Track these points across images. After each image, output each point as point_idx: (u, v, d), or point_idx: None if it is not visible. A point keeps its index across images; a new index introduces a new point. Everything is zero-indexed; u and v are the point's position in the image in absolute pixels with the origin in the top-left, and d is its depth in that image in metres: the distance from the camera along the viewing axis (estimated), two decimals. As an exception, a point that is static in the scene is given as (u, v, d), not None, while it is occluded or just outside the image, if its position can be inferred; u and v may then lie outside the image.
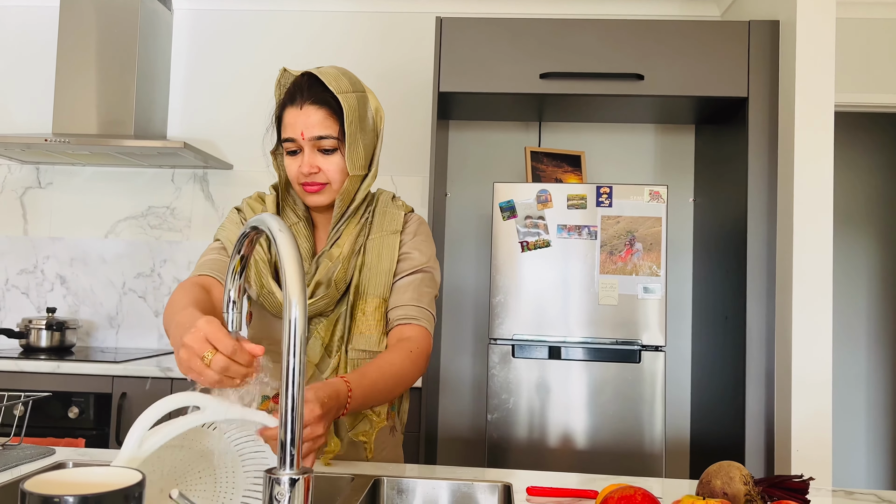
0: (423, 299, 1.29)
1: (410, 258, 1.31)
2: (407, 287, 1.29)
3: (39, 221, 3.10)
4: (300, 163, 1.24)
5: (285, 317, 0.70)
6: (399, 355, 1.19)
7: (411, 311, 1.27)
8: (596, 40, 2.51)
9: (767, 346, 2.40)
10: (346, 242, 1.28)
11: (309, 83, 1.24)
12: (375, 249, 1.30)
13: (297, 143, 1.24)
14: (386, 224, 1.32)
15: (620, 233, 2.41)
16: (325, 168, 1.24)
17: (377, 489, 1.15)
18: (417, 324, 1.26)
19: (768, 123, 2.46)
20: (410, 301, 1.28)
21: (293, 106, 1.23)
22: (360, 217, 1.31)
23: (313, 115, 1.22)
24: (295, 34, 3.10)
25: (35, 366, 2.44)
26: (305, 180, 1.25)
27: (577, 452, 2.42)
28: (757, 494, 0.89)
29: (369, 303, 1.27)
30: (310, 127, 1.22)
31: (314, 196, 1.26)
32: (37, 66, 3.13)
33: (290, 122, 1.23)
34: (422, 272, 1.31)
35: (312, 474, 0.70)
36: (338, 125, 1.24)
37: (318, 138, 1.23)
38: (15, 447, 1.21)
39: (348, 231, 1.29)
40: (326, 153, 1.24)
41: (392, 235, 1.31)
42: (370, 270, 1.28)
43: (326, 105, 1.23)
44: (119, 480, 0.64)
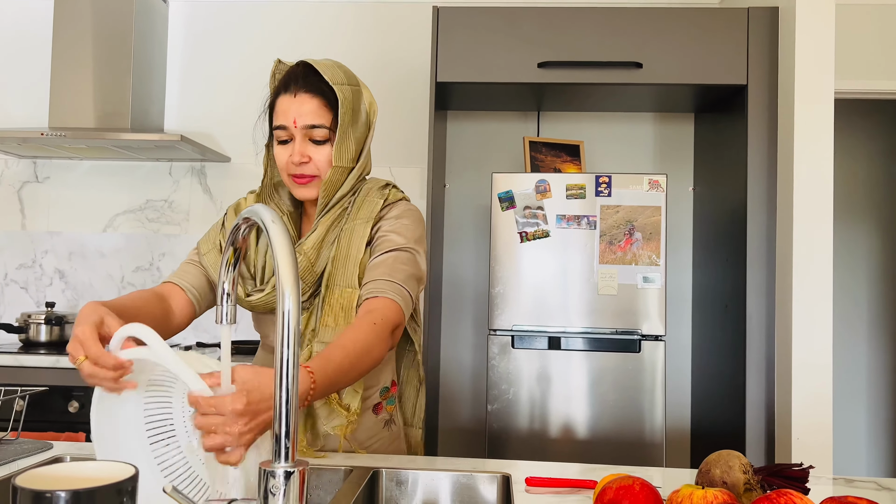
0: (395, 275, 1.21)
1: (387, 240, 1.25)
2: (380, 264, 1.22)
3: (37, 216, 3.09)
4: (291, 151, 1.23)
5: (279, 309, 0.69)
6: (363, 330, 1.10)
7: (379, 285, 1.19)
8: (594, 29, 2.50)
9: (767, 334, 2.39)
10: (317, 234, 1.25)
11: (304, 72, 1.23)
12: (347, 241, 1.26)
13: (289, 132, 1.22)
14: (362, 212, 1.28)
15: (620, 222, 2.40)
16: (315, 158, 1.23)
17: (376, 481, 1.14)
18: (384, 296, 1.18)
19: (768, 111, 2.45)
20: (380, 276, 1.20)
21: (287, 94, 1.22)
22: (339, 207, 1.28)
23: (307, 103, 1.21)
24: (291, 24, 3.08)
25: (35, 360, 2.44)
26: (295, 171, 1.24)
27: (578, 442, 2.42)
28: (756, 483, 0.88)
29: (336, 293, 1.23)
30: (303, 115, 1.21)
31: (303, 189, 1.25)
32: (32, 59, 3.11)
33: (283, 110, 1.22)
34: (398, 251, 1.24)
35: (308, 467, 0.70)
36: (331, 115, 1.23)
37: (310, 127, 1.21)
38: (12, 442, 1.20)
39: (324, 221, 1.26)
40: (318, 143, 1.23)
41: (364, 223, 1.26)
42: (339, 262, 1.25)
43: (321, 95, 1.22)
44: (111, 475, 0.64)
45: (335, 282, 1.24)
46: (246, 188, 3.04)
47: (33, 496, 0.58)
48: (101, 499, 0.59)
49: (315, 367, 0.98)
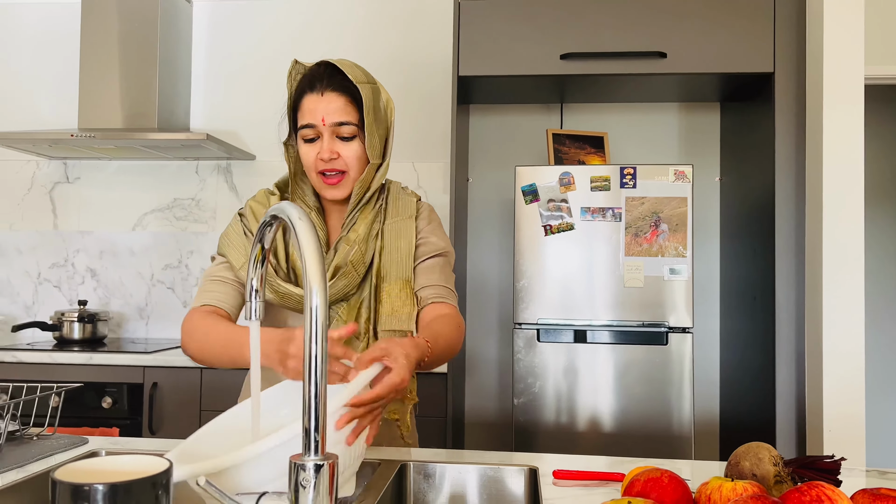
0: (449, 281, 1.35)
1: (430, 243, 1.35)
2: (433, 268, 1.33)
3: (69, 216, 3.15)
4: (319, 149, 1.25)
5: (306, 304, 0.70)
6: (451, 328, 1.24)
7: (442, 291, 1.32)
8: (616, 19, 2.48)
9: (797, 325, 2.36)
10: (362, 227, 1.30)
11: (328, 72, 1.26)
12: (393, 233, 1.32)
13: (317, 130, 1.25)
14: (401, 209, 1.35)
15: (645, 214, 2.39)
16: (344, 154, 1.26)
17: (404, 474, 1.15)
18: (450, 303, 1.32)
19: (796, 99, 2.41)
20: (439, 281, 1.32)
21: (313, 93, 1.25)
22: (374, 204, 1.33)
23: (334, 101, 1.24)
24: (313, 22, 3.10)
25: (69, 357, 2.49)
26: (325, 167, 1.26)
27: (605, 436, 2.41)
28: (787, 475, 0.87)
29: (394, 284, 1.30)
30: (331, 113, 1.23)
31: (333, 189, 1.28)
32: (61, 61, 3.16)
33: (311, 108, 1.24)
34: (442, 256, 1.36)
35: (337, 460, 0.70)
36: (357, 113, 1.26)
37: (338, 124, 1.24)
38: (49, 437, 1.23)
39: (363, 217, 1.31)
40: (345, 140, 1.26)
41: (408, 220, 1.34)
42: (390, 254, 1.31)
43: (347, 93, 1.25)
44: (147, 468, 0.65)
45: (390, 273, 1.30)
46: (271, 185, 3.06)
47: (72, 489, 0.59)
48: (137, 491, 0.61)
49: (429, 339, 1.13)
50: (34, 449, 1.15)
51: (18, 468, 1.05)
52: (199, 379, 2.46)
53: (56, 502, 0.60)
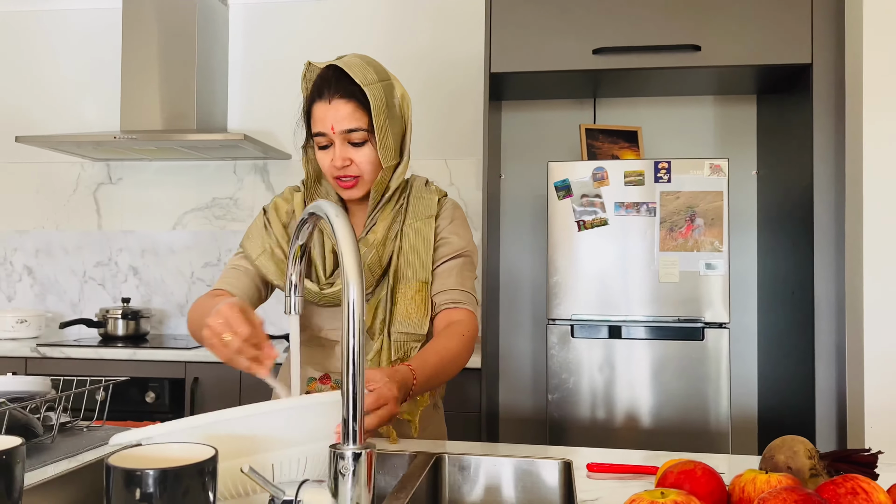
0: (466, 283, 1.33)
1: (449, 243, 1.34)
2: (450, 271, 1.32)
3: (112, 216, 3.24)
4: (332, 156, 1.26)
5: (344, 300, 0.72)
6: (454, 340, 1.24)
7: (457, 296, 1.31)
8: (650, 12, 2.46)
9: (837, 320, 2.32)
10: (381, 228, 1.30)
11: (335, 76, 1.25)
12: (412, 234, 1.32)
13: (328, 138, 1.26)
14: (421, 209, 1.34)
15: (680, 208, 2.37)
16: (356, 160, 1.26)
17: (439, 466, 1.17)
18: (464, 307, 1.31)
19: (834, 90, 2.36)
20: (455, 285, 1.31)
21: (321, 100, 1.25)
22: (394, 204, 1.33)
23: (342, 108, 1.23)
24: (346, 21, 3.13)
25: (113, 353, 2.57)
26: (338, 174, 1.27)
27: (641, 431, 2.40)
28: (822, 469, 0.87)
29: (410, 286, 1.30)
30: (339, 121, 1.23)
31: (349, 191, 1.29)
32: (104, 66, 3.25)
33: (320, 117, 1.25)
34: (462, 256, 1.35)
35: (375, 449, 0.73)
36: (367, 116, 1.25)
37: (348, 131, 1.24)
38: (98, 429, 1.28)
39: (383, 217, 1.32)
40: (357, 146, 1.26)
41: (427, 220, 1.33)
42: (408, 255, 1.31)
43: (354, 98, 1.24)
44: (194, 455, 0.68)
45: (407, 275, 1.30)
46: (306, 184, 3.11)
47: (125, 474, 0.63)
48: (186, 477, 0.64)
49: (415, 366, 1.11)
50: (85, 440, 1.19)
51: (71, 458, 1.09)
52: (239, 374, 2.52)
53: (110, 486, 0.63)
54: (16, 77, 3.31)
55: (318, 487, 0.73)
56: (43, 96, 3.29)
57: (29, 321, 2.91)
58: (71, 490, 1.01)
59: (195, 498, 0.64)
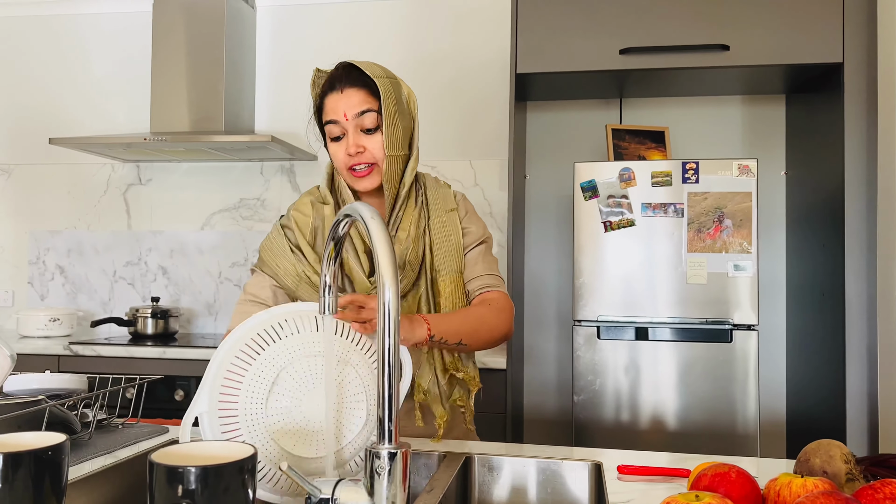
0: (492, 267, 1.42)
1: (469, 232, 1.42)
2: (476, 259, 1.41)
3: (141, 216, 3.29)
4: (346, 145, 1.29)
5: (380, 299, 0.73)
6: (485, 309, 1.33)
7: (488, 280, 1.40)
8: (677, 12, 2.44)
9: (868, 322, 2.29)
10: (411, 226, 1.34)
11: (346, 72, 1.30)
12: (440, 229, 1.38)
13: (341, 126, 1.28)
14: (441, 204, 1.40)
15: (708, 209, 2.35)
16: (369, 147, 1.29)
17: (468, 466, 1.18)
18: (497, 290, 1.40)
19: (866, 89, 2.33)
20: (483, 271, 1.40)
21: (334, 92, 1.29)
22: (415, 201, 1.38)
23: (354, 95, 1.28)
24: (371, 23, 3.15)
25: (143, 352, 2.61)
26: (352, 162, 1.29)
27: (667, 433, 2.39)
28: (859, 473, 0.86)
29: (449, 279, 1.36)
30: (352, 106, 1.27)
31: (363, 180, 1.31)
32: (133, 68, 3.30)
33: (332, 107, 1.29)
34: (483, 244, 1.43)
35: (410, 449, 0.73)
36: (377, 104, 1.28)
37: (360, 114, 1.27)
38: (133, 426, 1.30)
39: (408, 215, 1.36)
40: (369, 132, 1.29)
41: (451, 213, 1.40)
42: (441, 249, 1.37)
43: (366, 87, 1.28)
44: (235, 454, 0.69)
45: (443, 268, 1.36)
46: (332, 185, 3.13)
47: (167, 470, 0.64)
48: (226, 474, 0.65)
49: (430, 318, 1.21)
50: (121, 436, 1.22)
51: (108, 454, 1.12)
52: (266, 373, 2.54)
53: (153, 482, 0.64)
54: (49, 79, 3.37)
55: (354, 486, 0.74)
56: (75, 98, 3.35)
57: (61, 320, 2.96)
58: (109, 486, 1.03)
59: (235, 495, 0.66)
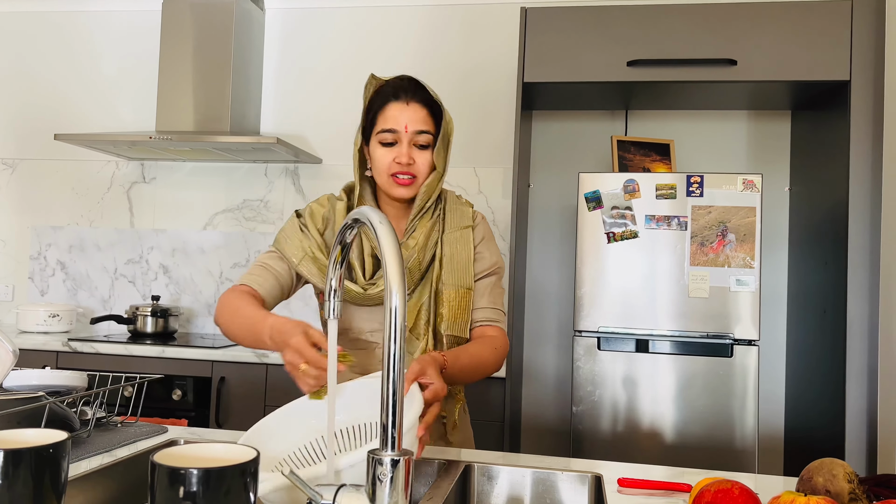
0: (497, 301, 1.45)
1: (483, 259, 1.45)
2: (483, 290, 1.44)
3: (144, 214, 3.29)
4: (397, 154, 1.35)
5: (386, 305, 0.73)
6: (487, 350, 1.37)
7: (490, 314, 1.43)
8: (686, 26, 2.45)
9: (870, 340, 2.28)
10: (421, 235, 1.39)
11: (412, 86, 1.37)
12: (452, 243, 1.42)
13: (397, 136, 1.34)
14: (457, 220, 1.44)
15: (712, 223, 2.35)
16: (418, 161, 1.36)
17: (468, 475, 1.17)
18: (498, 325, 1.43)
19: (873, 108, 2.33)
20: (488, 304, 1.43)
21: (398, 101, 1.35)
22: (432, 214, 1.42)
23: (418, 111, 1.35)
24: (381, 30, 3.15)
25: (143, 350, 2.60)
26: (398, 170, 1.35)
27: (665, 446, 2.38)
28: (862, 493, 0.86)
29: (456, 292, 1.39)
30: (415, 122, 1.34)
31: (403, 189, 1.37)
32: (140, 67, 3.31)
33: (394, 116, 1.34)
34: (493, 274, 1.46)
35: (413, 456, 0.73)
36: (434, 126, 1.37)
37: (419, 132, 1.34)
38: (132, 425, 1.30)
39: (422, 225, 1.41)
40: (422, 148, 1.36)
41: (465, 230, 1.44)
42: (450, 263, 1.41)
43: (428, 106, 1.36)
44: (237, 457, 0.69)
45: (449, 281, 1.40)
46: (336, 188, 3.12)
47: (169, 472, 0.64)
48: (229, 477, 0.65)
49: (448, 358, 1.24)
50: (119, 435, 1.21)
51: (106, 452, 1.11)
52: (265, 374, 2.54)
53: (154, 483, 0.64)
54: (56, 75, 3.38)
55: (356, 492, 0.74)
56: (81, 95, 3.35)
57: (61, 316, 2.96)
58: (107, 485, 1.02)
59: (237, 498, 0.65)
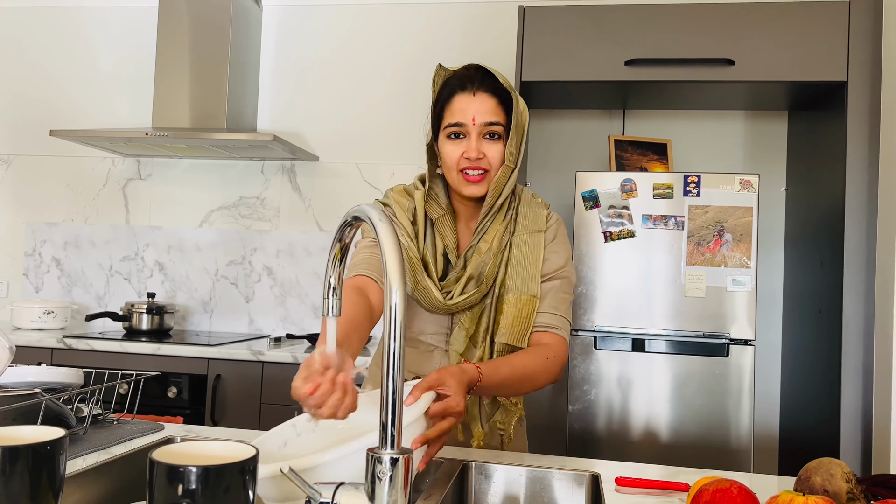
0: (560, 307, 1.33)
1: (549, 262, 1.34)
2: (546, 293, 1.33)
3: (140, 211, 3.28)
4: (465, 148, 1.27)
5: (386, 303, 0.73)
6: (534, 359, 1.25)
7: (549, 319, 1.31)
8: (684, 25, 2.45)
9: (865, 340, 2.29)
10: (494, 238, 1.31)
11: (480, 74, 1.29)
12: (521, 246, 1.33)
13: (465, 129, 1.27)
14: (530, 222, 1.35)
15: (709, 223, 2.35)
16: (489, 154, 1.27)
17: (465, 474, 1.17)
18: (556, 332, 1.31)
19: (869, 108, 2.34)
20: (549, 308, 1.32)
21: (464, 93, 1.28)
22: (504, 213, 1.34)
23: (486, 102, 1.27)
24: (378, 27, 3.15)
25: (138, 347, 2.59)
26: (468, 165, 1.27)
27: (661, 445, 2.38)
28: (860, 493, 0.86)
29: (519, 299, 1.30)
30: (482, 113, 1.26)
31: (473, 186, 1.29)
32: (137, 63, 3.29)
33: (461, 108, 1.27)
34: (559, 278, 1.35)
35: (412, 454, 0.73)
36: (504, 116, 1.28)
37: (488, 124, 1.27)
38: (128, 422, 1.29)
39: (494, 227, 1.32)
40: (491, 140, 1.28)
41: (537, 234, 1.34)
42: (516, 268, 1.31)
43: (497, 95, 1.28)
44: (236, 454, 0.69)
45: (513, 287, 1.31)
46: (333, 186, 3.14)
47: (168, 469, 0.63)
48: (227, 475, 0.64)
49: (484, 370, 1.13)
50: (115, 432, 1.21)
51: (102, 450, 1.11)
52: (261, 373, 2.53)
53: (153, 480, 0.64)
54: (52, 71, 3.36)
55: (355, 491, 0.73)
56: (78, 91, 3.34)
57: (56, 312, 2.95)
58: (104, 482, 1.02)
59: (235, 496, 0.65)
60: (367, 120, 3.14)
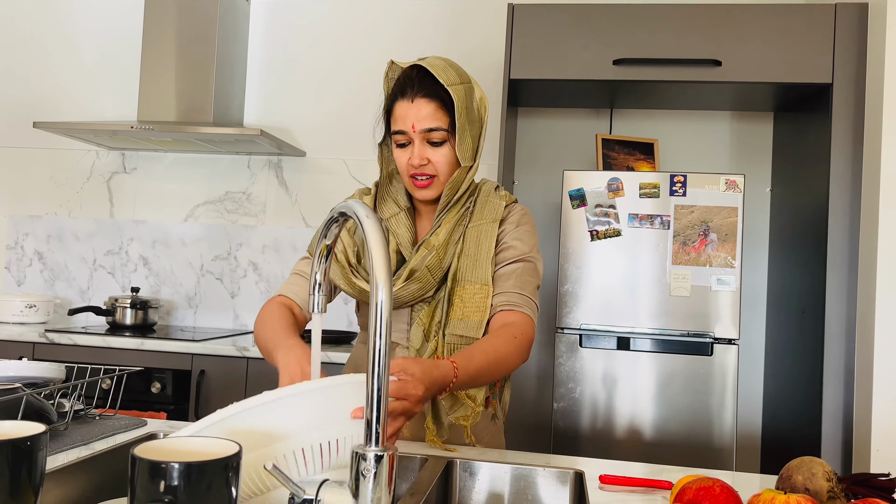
0: (525, 288, 1.31)
1: (512, 248, 1.33)
2: (510, 275, 1.31)
3: (124, 205, 3.25)
4: (410, 155, 1.28)
5: (372, 300, 0.72)
6: (503, 340, 1.22)
7: (513, 298, 1.29)
8: (672, 26, 2.46)
9: (847, 341, 2.31)
10: (444, 231, 1.31)
11: (419, 76, 1.27)
12: (473, 237, 1.32)
13: (408, 136, 1.27)
14: (486, 213, 1.34)
15: (694, 223, 2.36)
16: (434, 160, 1.28)
17: (450, 471, 1.17)
18: (520, 310, 1.28)
19: (854, 111, 2.36)
20: (512, 288, 1.30)
21: (404, 99, 1.27)
22: (461, 207, 1.34)
23: (424, 107, 1.25)
24: (366, 21, 3.14)
25: (121, 342, 2.57)
26: (415, 172, 1.29)
27: (645, 444, 2.39)
28: (841, 491, 0.87)
29: (467, 289, 1.30)
30: (420, 119, 1.25)
31: (423, 191, 1.31)
32: (122, 55, 3.26)
33: (401, 115, 1.27)
34: (523, 261, 1.33)
35: (397, 452, 0.73)
36: (447, 117, 1.27)
37: (428, 130, 1.26)
38: (111, 417, 1.28)
39: (448, 220, 1.32)
40: (435, 145, 1.28)
41: (491, 224, 1.33)
42: (468, 258, 1.31)
43: (437, 98, 1.26)
44: (219, 451, 0.68)
45: (465, 277, 1.30)
46: (320, 182, 3.12)
47: (150, 466, 0.63)
48: (210, 472, 0.64)
49: (459, 363, 1.10)
50: (97, 428, 1.19)
51: (84, 445, 1.10)
52: (245, 368, 2.52)
53: (135, 477, 0.63)
54: (36, 63, 3.32)
55: (339, 487, 0.73)
56: (61, 83, 3.30)
57: (38, 306, 2.92)
58: (85, 478, 1.01)
59: (218, 492, 0.64)
60: (354, 116, 3.13)
